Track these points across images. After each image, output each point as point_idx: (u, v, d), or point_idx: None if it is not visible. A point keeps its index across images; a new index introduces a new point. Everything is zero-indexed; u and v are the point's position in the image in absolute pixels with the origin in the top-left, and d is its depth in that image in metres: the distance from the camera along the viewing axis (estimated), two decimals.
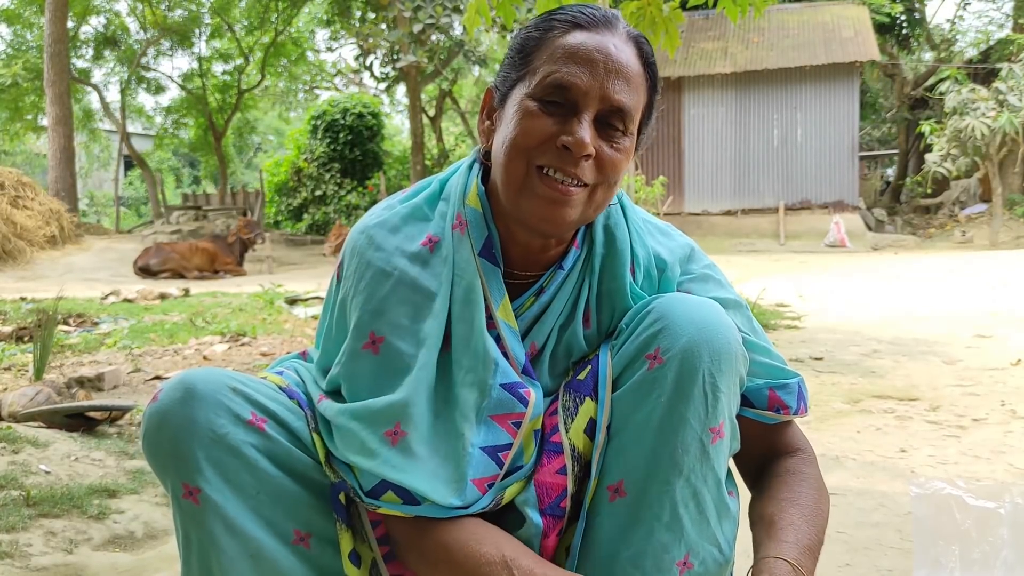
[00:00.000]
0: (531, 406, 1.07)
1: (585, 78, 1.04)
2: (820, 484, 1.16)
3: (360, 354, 1.09)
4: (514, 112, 1.08)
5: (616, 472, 1.06)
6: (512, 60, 1.12)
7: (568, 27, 1.08)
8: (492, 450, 1.06)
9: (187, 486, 1.01)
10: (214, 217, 19.27)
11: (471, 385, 1.07)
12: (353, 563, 1.08)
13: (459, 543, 1.01)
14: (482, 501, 1.04)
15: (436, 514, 1.02)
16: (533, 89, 1.07)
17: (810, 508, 1.10)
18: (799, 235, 17.65)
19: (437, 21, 16.25)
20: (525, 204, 1.07)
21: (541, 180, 1.06)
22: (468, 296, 1.09)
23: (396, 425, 1.04)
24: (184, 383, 1.04)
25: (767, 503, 1.12)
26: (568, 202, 1.06)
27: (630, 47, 1.09)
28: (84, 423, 3.06)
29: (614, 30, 1.09)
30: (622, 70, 1.07)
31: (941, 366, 4.51)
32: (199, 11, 22.87)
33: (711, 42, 19.24)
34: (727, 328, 1.06)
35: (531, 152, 1.06)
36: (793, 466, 1.17)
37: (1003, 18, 24.88)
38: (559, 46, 1.07)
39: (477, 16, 4.09)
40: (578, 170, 1.05)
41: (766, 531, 1.07)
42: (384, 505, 1.03)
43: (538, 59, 1.08)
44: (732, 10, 4.13)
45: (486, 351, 1.07)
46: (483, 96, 1.17)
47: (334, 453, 1.08)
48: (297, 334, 5.87)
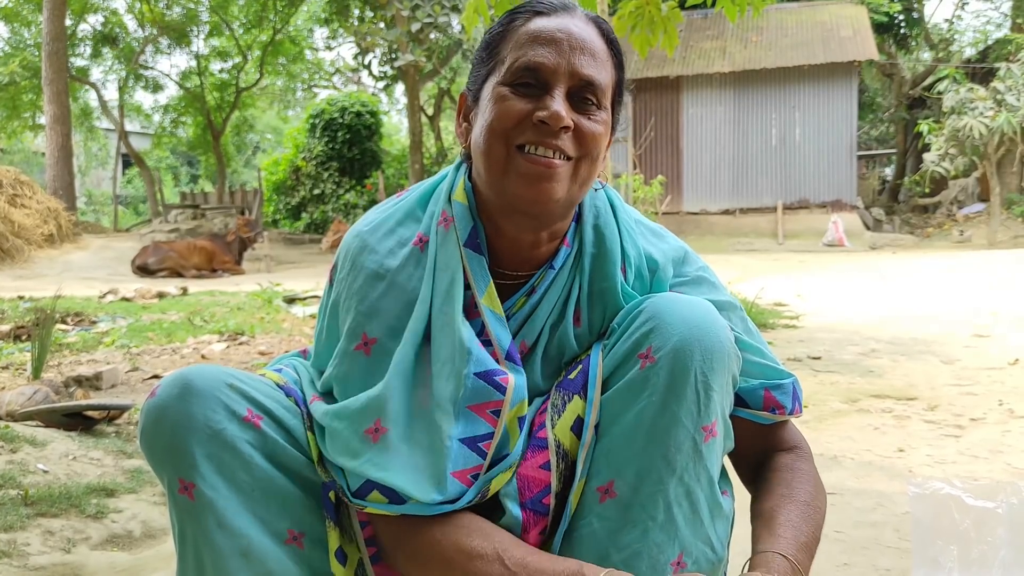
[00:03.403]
0: (510, 391, 1.06)
1: (552, 56, 1.07)
2: (817, 480, 1.17)
3: (353, 355, 1.09)
4: (488, 101, 1.09)
5: (606, 473, 1.05)
6: (480, 58, 1.15)
7: (529, 15, 1.12)
8: (471, 441, 1.05)
9: (183, 481, 1.01)
10: (212, 216, 19.24)
11: (447, 377, 1.06)
12: (339, 561, 1.08)
13: (448, 539, 1.00)
14: (468, 494, 1.03)
15: (421, 511, 1.01)
16: (503, 76, 1.09)
17: (807, 504, 1.10)
18: (797, 234, 17.66)
19: (435, 20, 16.23)
20: (510, 185, 1.07)
21: (523, 158, 1.07)
22: (449, 290, 1.10)
23: (376, 422, 1.04)
24: (181, 379, 1.04)
25: (765, 499, 1.13)
26: (553, 176, 1.06)
27: (591, 27, 1.12)
28: (82, 422, 3.06)
29: (573, 13, 1.13)
30: (586, 46, 1.09)
31: (939, 366, 4.51)
32: (197, 9, 22.84)
33: (710, 41, 19.24)
34: (719, 327, 1.06)
35: (509, 133, 1.07)
36: (790, 462, 1.18)
37: (1001, 18, 24.90)
38: (522, 33, 1.10)
39: (476, 15, 4.09)
40: (559, 142, 1.06)
41: (764, 526, 1.08)
42: (370, 505, 1.03)
43: (504, 49, 1.11)
44: (730, 9, 4.13)
45: (460, 341, 1.07)
46: (459, 100, 1.19)
47: (325, 455, 1.08)
48: (295, 333, 5.87)
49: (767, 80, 18.46)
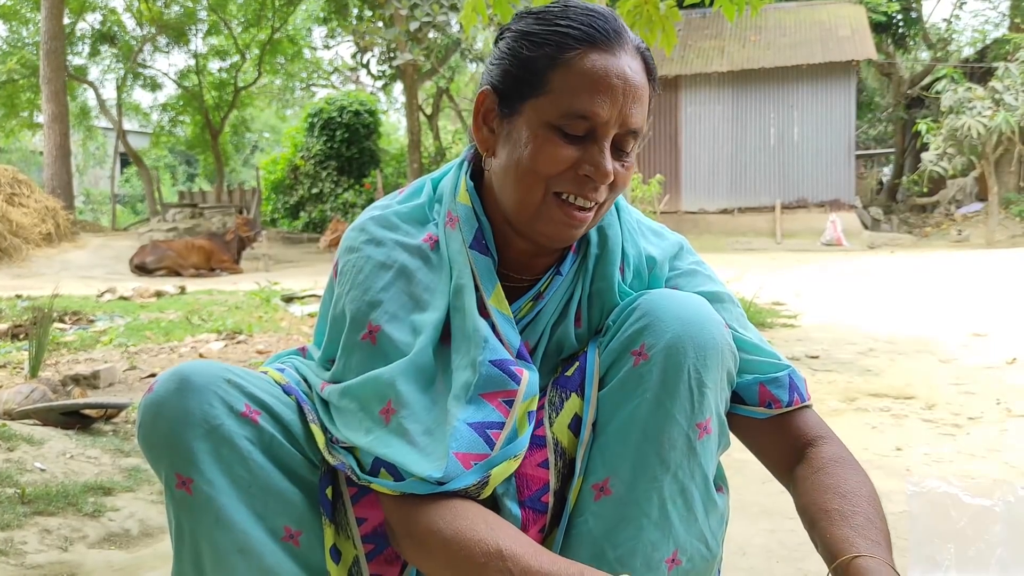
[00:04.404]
0: (524, 384, 1.05)
1: (607, 108, 1.03)
2: (858, 464, 1.13)
3: (359, 345, 1.08)
4: (530, 136, 1.05)
5: (601, 470, 1.05)
6: (520, 74, 1.07)
7: (584, 47, 1.04)
8: (480, 426, 1.03)
9: (180, 476, 1.01)
10: (211, 215, 19.24)
11: (465, 367, 1.06)
12: (333, 559, 1.07)
13: (451, 527, 0.98)
14: (466, 477, 1.00)
15: (419, 490, 0.99)
16: (551, 115, 1.04)
17: (875, 499, 1.07)
18: (795, 234, 17.67)
19: (434, 19, 16.21)
20: (540, 225, 1.08)
21: (559, 206, 1.06)
22: (462, 287, 1.10)
23: (388, 403, 1.03)
24: (179, 374, 1.03)
25: (830, 497, 1.05)
26: (583, 224, 1.08)
27: (639, 63, 1.08)
28: (79, 421, 3.05)
29: (625, 46, 1.06)
30: (638, 93, 1.06)
31: (937, 364, 4.52)
32: (195, 7, 22.82)
33: (708, 40, 19.25)
34: (713, 323, 1.06)
35: (550, 180, 1.06)
36: (832, 452, 1.12)
37: (999, 17, 24.91)
38: (578, 71, 1.03)
39: (474, 14, 4.08)
40: (597, 194, 1.07)
41: (846, 525, 1.00)
42: (376, 481, 1.02)
43: (554, 80, 1.04)
44: (729, 8, 4.13)
45: (476, 329, 1.07)
46: (477, 97, 1.12)
47: (336, 436, 1.07)
48: (293, 332, 5.86)
49: (765, 79, 18.47)
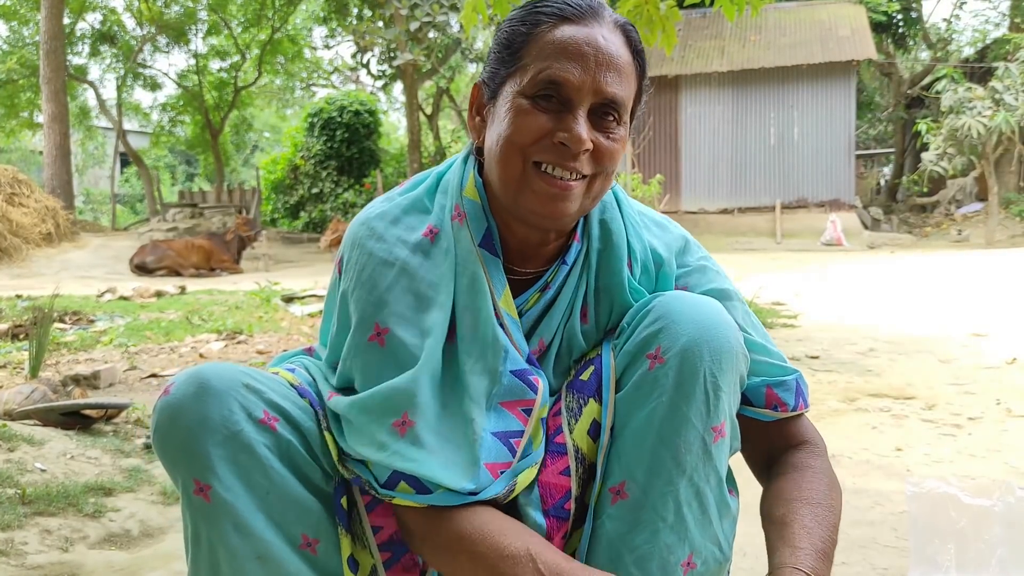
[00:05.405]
0: (540, 393, 1.07)
1: (577, 73, 1.04)
2: (830, 477, 1.14)
3: (367, 347, 1.07)
4: (507, 109, 1.07)
5: (618, 473, 1.05)
6: (500, 56, 1.10)
7: (555, 20, 1.06)
8: (504, 436, 1.04)
9: (198, 482, 0.99)
10: (211, 215, 19.23)
11: (481, 373, 1.06)
12: (351, 569, 1.07)
13: (480, 533, 0.99)
14: (495, 487, 1.02)
15: (448, 501, 1.00)
16: (524, 86, 1.06)
17: (822, 506, 1.08)
18: (795, 233, 17.66)
19: (434, 19, 16.21)
20: (524, 201, 1.07)
21: (539, 177, 1.05)
22: (473, 286, 1.08)
23: (404, 415, 1.02)
24: (198, 377, 1.02)
25: (778, 503, 1.10)
26: (568, 196, 1.06)
27: (618, 36, 1.08)
28: (80, 421, 3.05)
29: (601, 20, 1.08)
30: (613, 62, 1.05)
31: (937, 365, 4.52)
32: (195, 7, 22.81)
33: (708, 40, 19.24)
34: (728, 327, 1.06)
35: (527, 149, 1.05)
36: (801, 460, 1.15)
37: (999, 17, 24.90)
38: (548, 41, 1.06)
39: (474, 14, 4.08)
40: (577, 164, 1.05)
41: (779, 535, 1.05)
42: (398, 495, 1.02)
43: (527, 55, 1.07)
44: (729, 8, 4.13)
45: (495, 338, 1.06)
46: (471, 92, 1.15)
47: (346, 449, 1.06)
48: (293, 332, 5.86)
49: (765, 79, 18.46)
